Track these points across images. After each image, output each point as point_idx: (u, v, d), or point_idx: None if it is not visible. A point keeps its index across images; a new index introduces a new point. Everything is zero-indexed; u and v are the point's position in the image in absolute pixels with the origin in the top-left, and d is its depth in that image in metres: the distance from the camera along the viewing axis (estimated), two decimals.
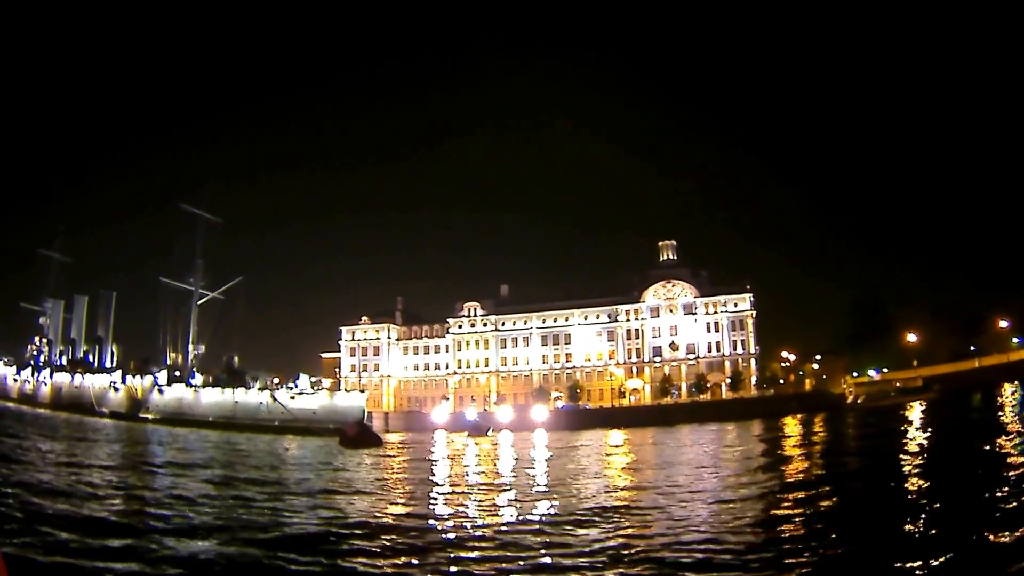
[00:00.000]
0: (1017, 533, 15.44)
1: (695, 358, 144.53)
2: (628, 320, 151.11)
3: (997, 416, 54.21)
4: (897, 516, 18.47)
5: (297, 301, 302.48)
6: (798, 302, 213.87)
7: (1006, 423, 47.70)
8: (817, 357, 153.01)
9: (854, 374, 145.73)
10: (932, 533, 16.67)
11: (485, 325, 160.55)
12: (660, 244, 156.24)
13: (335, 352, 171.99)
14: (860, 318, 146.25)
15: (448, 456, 58.16)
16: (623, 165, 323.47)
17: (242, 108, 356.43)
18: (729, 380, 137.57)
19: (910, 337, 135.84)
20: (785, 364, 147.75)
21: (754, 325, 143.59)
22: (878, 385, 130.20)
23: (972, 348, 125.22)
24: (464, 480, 37.82)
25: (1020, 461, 27.75)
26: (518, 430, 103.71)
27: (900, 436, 48.28)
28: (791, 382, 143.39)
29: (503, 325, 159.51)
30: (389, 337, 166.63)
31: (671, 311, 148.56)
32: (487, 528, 21.17)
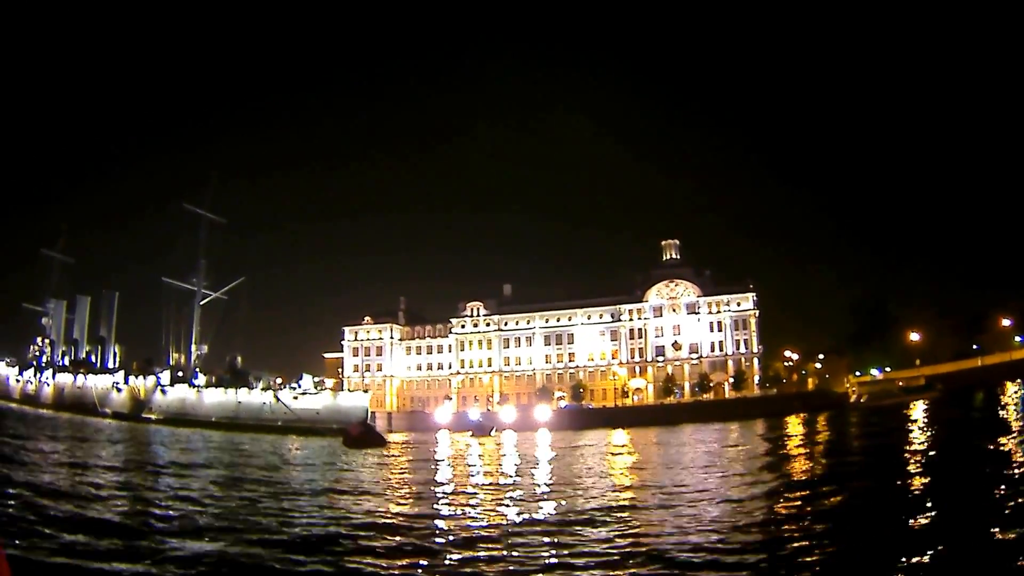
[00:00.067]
0: (1021, 530, 15.51)
1: (698, 357, 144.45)
2: (631, 320, 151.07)
3: (1000, 415, 54.22)
4: (901, 514, 18.54)
5: (300, 301, 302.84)
6: (801, 301, 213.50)
7: (1009, 422, 47.72)
8: (820, 356, 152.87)
9: (857, 373, 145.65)
10: (936, 531, 16.71)
11: (488, 325, 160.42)
12: (663, 243, 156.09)
13: (338, 352, 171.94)
14: (863, 317, 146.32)
15: (452, 456, 58.09)
16: (626, 165, 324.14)
17: (245, 108, 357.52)
18: (732, 380, 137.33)
19: (913, 336, 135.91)
20: (788, 363, 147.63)
21: (757, 324, 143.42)
22: (881, 384, 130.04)
23: (975, 347, 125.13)
24: (469, 480, 37.81)
25: (1023, 460, 27.81)
26: (521, 430, 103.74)
27: (903, 435, 48.30)
28: (794, 381, 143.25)
29: (506, 325, 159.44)
30: (392, 337, 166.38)
31: (674, 310, 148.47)
32: (493, 528, 21.17)
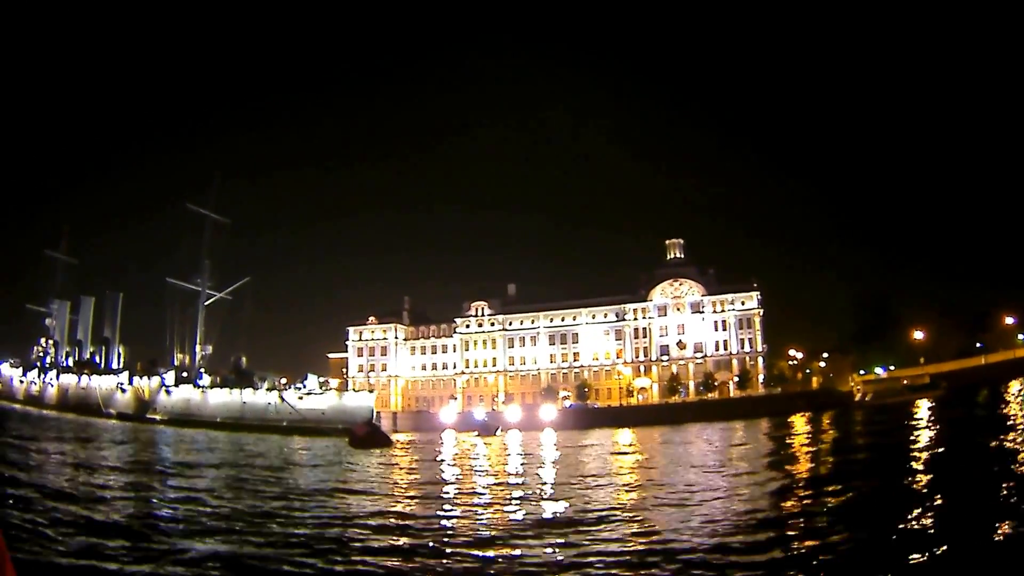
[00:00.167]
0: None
1: (702, 356, 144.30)
2: (635, 319, 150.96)
3: (1004, 413, 54.23)
4: (907, 513, 18.63)
5: (304, 301, 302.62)
6: (805, 300, 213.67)
7: (1012, 419, 47.76)
8: (824, 355, 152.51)
9: (861, 372, 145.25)
10: (941, 529, 16.78)
11: (492, 325, 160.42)
12: (667, 243, 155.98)
13: (342, 352, 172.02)
14: (867, 316, 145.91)
15: (458, 456, 58.23)
16: (629, 164, 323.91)
17: (247, 108, 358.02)
18: (737, 378, 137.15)
19: (917, 334, 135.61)
20: (792, 362, 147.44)
21: (761, 323, 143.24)
22: (885, 383, 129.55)
23: (978, 345, 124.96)
24: (476, 480, 37.92)
25: None
26: (527, 429, 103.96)
27: (909, 433, 48.32)
28: (798, 380, 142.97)
29: (510, 325, 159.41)
30: (396, 337, 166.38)
31: (678, 310, 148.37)
32: (498, 528, 21.27)
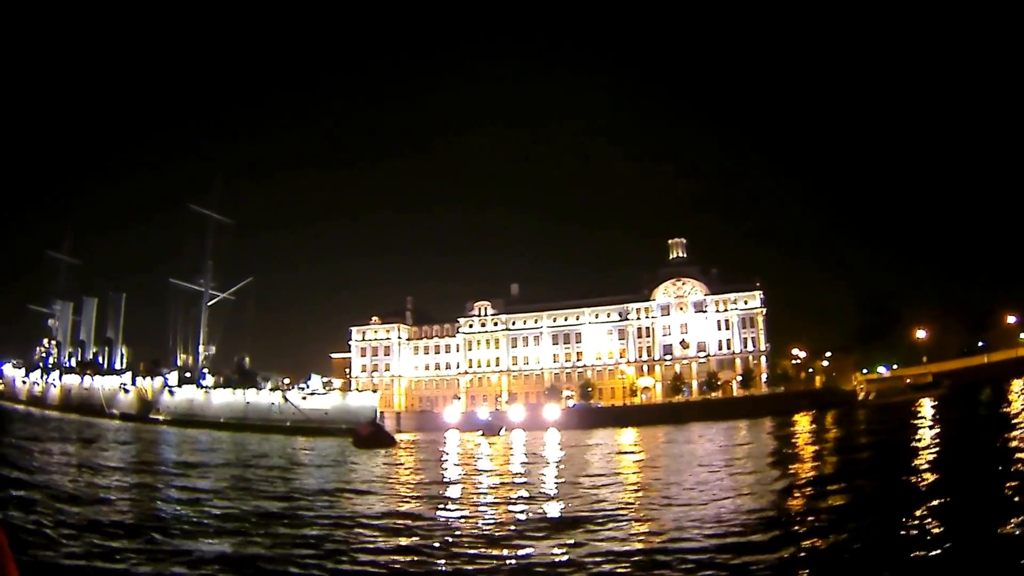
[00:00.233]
0: None
1: (706, 356, 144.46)
2: (639, 318, 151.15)
3: (1007, 411, 54.22)
4: (911, 510, 18.69)
5: (307, 301, 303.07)
6: (807, 299, 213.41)
7: (1015, 418, 47.76)
8: (827, 354, 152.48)
9: (864, 371, 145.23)
10: (945, 528, 16.84)
11: (496, 324, 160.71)
12: (670, 242, 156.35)
13: (345, 352, 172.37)
14: (869, 315, 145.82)
15: (462, 455, 58.33)
16: (632, 164, 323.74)
17: (249, 108, 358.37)
18: (740, 378, 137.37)
19: (919, 333, 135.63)
20: (796, 361, 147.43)
21: (764, 322, 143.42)
22: (888, 381, 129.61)
23: (981, 344, 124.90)
24: (480, 479, 37.98)
25: None
26: (530, 429, 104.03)
27: (912, 432, 48.39)
28: (802, 379, 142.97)
29: (514, 324, 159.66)
30: (399, 337, 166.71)
31: (681, 309, 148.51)
32: (504, 527, 21.30)
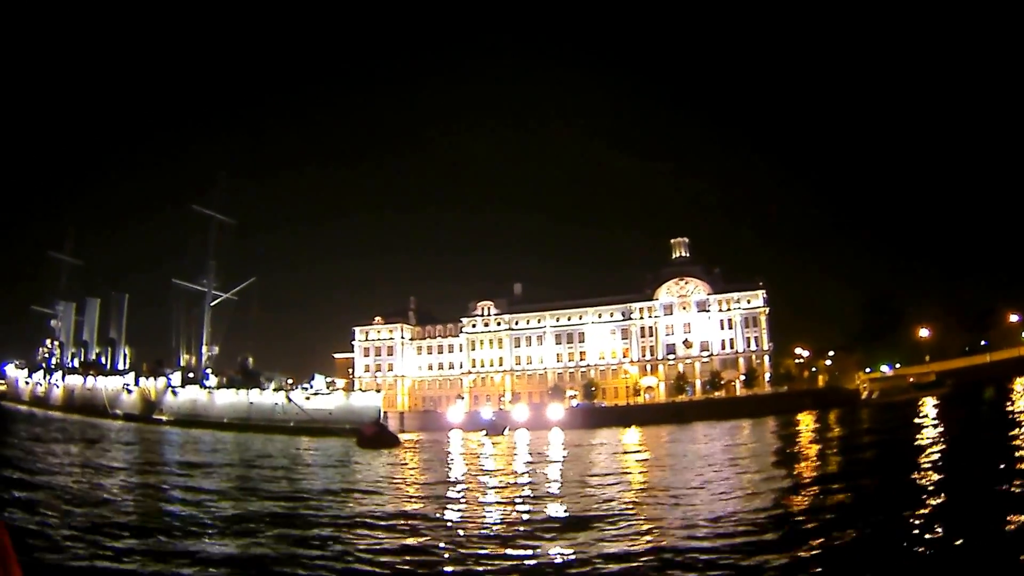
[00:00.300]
0: None
1: (709, 355, 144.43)
2: (642, 318, 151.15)
3: (1010, 410, 54.33)
4: (915, 509, 18.82)
5: (309, 301, 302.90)
6: (810, 298, 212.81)
7: (1018, 416, 47.87)
8: (830, 353, 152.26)
9: (867, 370, 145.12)
10: (949, 526, 16.93)
11: (499, 324, 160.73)
12: (672, 242, 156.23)
13: (348, 352, 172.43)
14: (872, 314, 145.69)
15: (466, 455, 58.43)
16: (635, 164, 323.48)
17: (252, 108, 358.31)
18: (743, 377, 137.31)
19: (922, 332, 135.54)
20: (798, 361, 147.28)
21: (767, 322, 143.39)
22: (892, 380, 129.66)
23: (984, 343, 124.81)
24: (484, 479, 38.07)
25: None
26: (534, 429, 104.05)
27: (916, 431, 48.45)
28: (805, 378, 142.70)
29: (517, 324, 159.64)
30: (403, 337, 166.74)
31: (684, 308, 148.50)
32: (509, 527, 21.40)
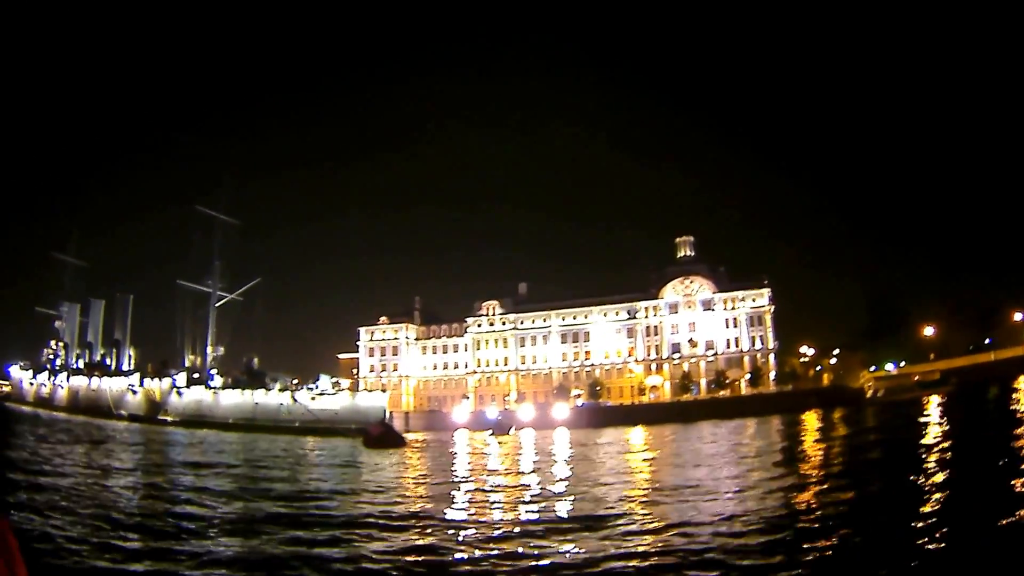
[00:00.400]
0: None
1: (714, 354, 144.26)
2: (647, 317, 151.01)
3: (1014, 408, 54.39)
4: (919, 508, 18.98)
5: (314, 302, 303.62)
6: (815, 297, 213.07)
7: (1022, 415, 47.97)
8: (835, 352, 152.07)
9: (872, 368, 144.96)
10: (952, 525, 17.07)
11: (504, 324, 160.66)
12: (677, 240, 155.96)
13: (352, 353, 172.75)
14: (877, 312, 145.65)
15: (473, 455, 58.61)
16: (639, 163, 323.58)
17: (256, 108, 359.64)
18: (748, 376, 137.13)
19: (927, 331, 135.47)
20: (803, 359, 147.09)
21: (772, 320, 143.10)
22: (896, 379, 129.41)
23: (988, 341, 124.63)
24: (491, 479, 38.18)
25: None
26: (539, 428, 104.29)
27: (921, 429, 48.54)
28: (810, 377, 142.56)
29: (522, 324, 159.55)
30: (408, 337, 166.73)
31: (689, 307, 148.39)
32: (517, 526, 21.55)
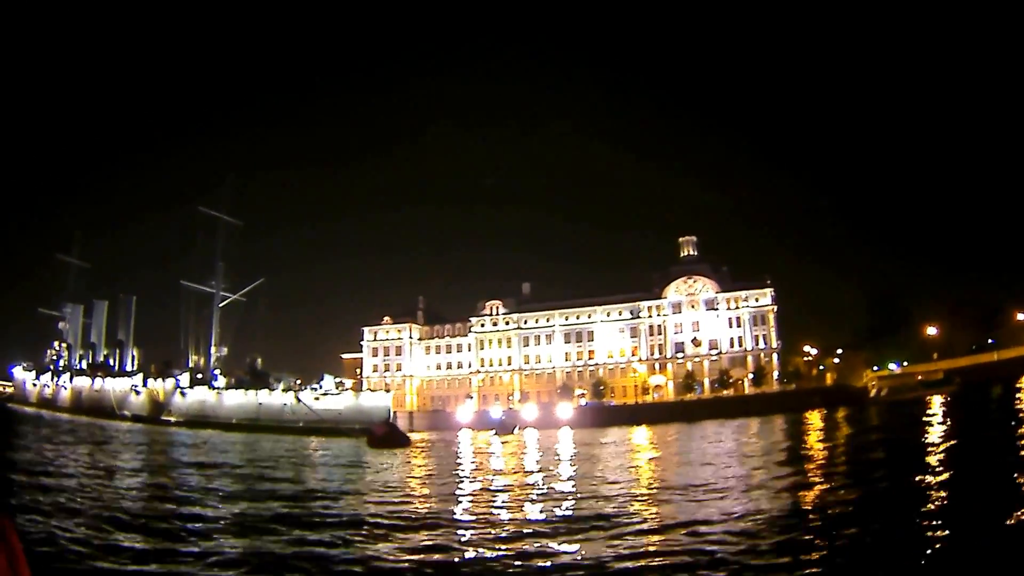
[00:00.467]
0: None
1: (717, 354, 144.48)
2: (650, 316, 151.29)
3: (1018, 408, 54.44)
4: (924, 507, 19.10)
5: (317, 302, 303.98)
6: (818, 296, 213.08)
7: None
8: (838, 351, 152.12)
9: (875, 368, 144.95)
10: (955, 525, 17.15)
11: (508, 323, 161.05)
12: (680, 240, 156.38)
13: (355, 353, 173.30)
14: (880, 312, 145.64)
15: (477, 455, 58.72)
16: (643, 163, 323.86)
17: (257, 107, 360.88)
18: (751, 375, 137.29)
19: (930, 330, 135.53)
20: (807, 359, 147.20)
21: (775, 320, 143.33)
22: (899, 378, 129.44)
23: (991, 341, 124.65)
24: (496, 478, 38.25)
25: None
26: (543, 428, 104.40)
27: (924, 429, 48.55)
28: (813, 376, 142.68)
29: (525, 323, 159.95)
30: (411, 337, 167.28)
31: (693, 307, 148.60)
32: (523, 525, 21.62)
